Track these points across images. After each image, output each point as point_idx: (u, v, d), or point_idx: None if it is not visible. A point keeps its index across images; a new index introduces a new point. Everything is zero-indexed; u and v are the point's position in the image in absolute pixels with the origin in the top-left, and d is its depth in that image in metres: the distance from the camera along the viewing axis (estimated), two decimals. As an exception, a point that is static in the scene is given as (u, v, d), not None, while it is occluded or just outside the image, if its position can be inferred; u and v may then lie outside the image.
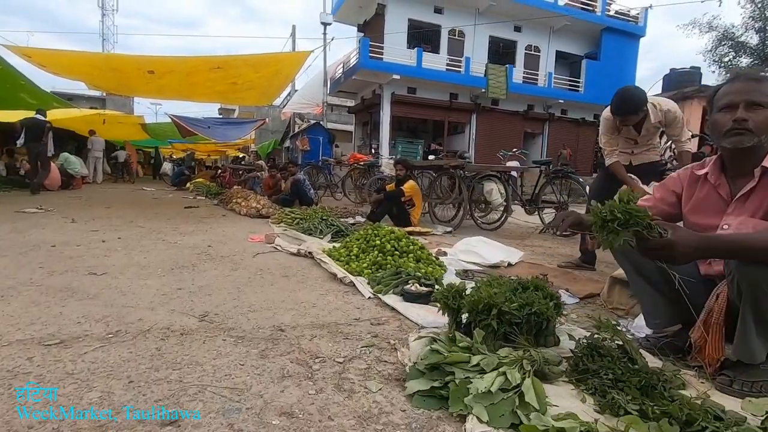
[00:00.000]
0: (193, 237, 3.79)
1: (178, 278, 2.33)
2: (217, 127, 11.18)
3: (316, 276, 2.57)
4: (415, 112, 18.03)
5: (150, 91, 6.95)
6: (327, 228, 4.13)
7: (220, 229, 4.36)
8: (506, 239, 4.81)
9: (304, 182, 7.38)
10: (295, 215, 4.88)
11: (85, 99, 24.99)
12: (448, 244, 4.04)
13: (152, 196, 8.70)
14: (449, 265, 2.94)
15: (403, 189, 5.02)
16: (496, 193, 5.05)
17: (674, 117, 2.69)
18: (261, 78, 6.57)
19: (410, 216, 5.17)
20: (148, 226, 4.35)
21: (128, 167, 17.42)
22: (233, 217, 5.71)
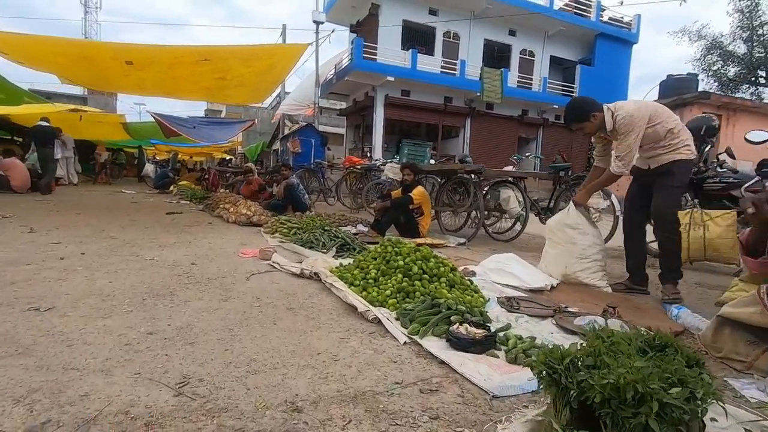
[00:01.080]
0: (173, 251, 3.22)
1: (151, 315, 1.77)
2: (203, 128, 10.51)
3: (329, 307, 2.05)
4: (409, 115, 17.62)
5: (129, 85, 6.32)
6: (330, 240, 3.60)
7: (206, 241, 3.78)
8: (522, 252, 4.35)
9: (297, 186, 6.83)
10: (291, 224, 4.33)
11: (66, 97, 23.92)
12: (469, 259, 3.54)
13: (131, 200, 8.03)
14: (482, 288, 2.44)
15: (412, 196, 4.52)
16: (514, 200, 4.60)
17: (622, 123, 2.49)
18: (252, 73, 6.01)
19: (419, 225, 4.68)
20: (122, 237, 3.75)
21: (108, 168, 16.54)
22: (220, 225, 5.13)
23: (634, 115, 2.48)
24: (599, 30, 19.23)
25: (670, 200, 2.58)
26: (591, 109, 2.58)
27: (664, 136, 2.54)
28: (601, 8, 19.37)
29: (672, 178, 2.55)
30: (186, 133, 9.81)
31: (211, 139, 11.13)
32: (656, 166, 2.62)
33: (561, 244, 2.79)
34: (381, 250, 2.56)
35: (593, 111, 2.57)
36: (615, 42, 19.75)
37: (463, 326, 1.67)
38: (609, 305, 2.04)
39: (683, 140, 2.55)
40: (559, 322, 1.94)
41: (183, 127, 9.87)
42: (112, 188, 11.89)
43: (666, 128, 2.52)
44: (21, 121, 12.32)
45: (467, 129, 18.34)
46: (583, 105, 2.63)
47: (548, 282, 2.68)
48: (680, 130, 2.55)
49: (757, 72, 23.44)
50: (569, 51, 20.02)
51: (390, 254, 2.46)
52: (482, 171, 4.29)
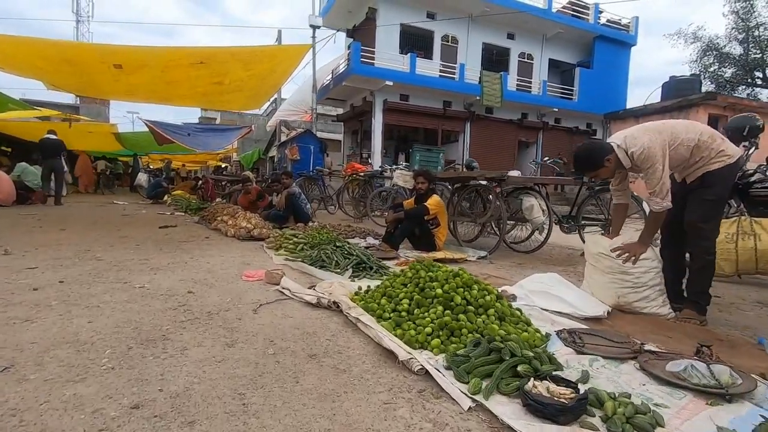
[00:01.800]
0: (167, 275, 2.82)
1: (138, 373, 1.38)
2: (198, 135, 10.12)
3: (360, 352, 1.67)
4: (408, 120, 17.32)
5: (119, 91, 5.92)
6: (343, 258, 3.22)
7: (204, 261, 3.39)
8: (549, 265, 4.00)
9: (299, 196, 6.46)
10: (298, 239, 3.95)
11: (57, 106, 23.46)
12: (499, 278, 3.18)
13: (122, 212, 7.60)
14: (529, 316, 2.08)
15: (428, 206, 4.16)
16: (538, 209, 4.24)
17: (641, 158, 2.23)
18: (252, 77, 5.65)
19: (435, 238, 4.31)
20: (109, 257, 3.35)
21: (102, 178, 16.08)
22: (218, 239, 4.73)
23: (651, 146, 2.21)
24: (597, 32, 19.11)
25: (704, 213, 2.27)
26: (603, 154, 2.34)
27: (691, 154, 2.28)
28: (599, 11, 19.26)
29: (707, 190, 2.27)
30: (180, 141, 9.42)
31: (206, 147, 10.74)
32: (690, 180, 2.36)
33: (609, 272, 2.42)
34: (412, 274, 2.18)
35: (605, 155, 2.33)
36: (613, 44, 19.64)
37: (542, 384, 1.30)
38: (702, 343, 1.67)
39: (715, 149, 2.25)
40: (646, 367, 1.57)
41: (177, 135, 9.49)
42: (104, 199, 11.46)
43: (689, 146, 2.26)
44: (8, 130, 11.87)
45: (467, 133, 18.08)
46: (594, 152, 2.39)
47: (603, 308, 2.32)
48: (707, 140, 2.26)
49: (753, 73, 23.47)
50: (567, 54, 19.89)
51: (423, 280, 2.09)
52: (505, 178, 3.94)
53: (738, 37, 22.47)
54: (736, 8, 21.00)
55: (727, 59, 23.23)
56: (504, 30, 18.33)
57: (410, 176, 5.06)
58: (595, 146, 2.43)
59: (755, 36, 21.79)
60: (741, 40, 22.40)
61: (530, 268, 3.78)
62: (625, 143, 2.29)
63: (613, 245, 2.42)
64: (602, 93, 19.25)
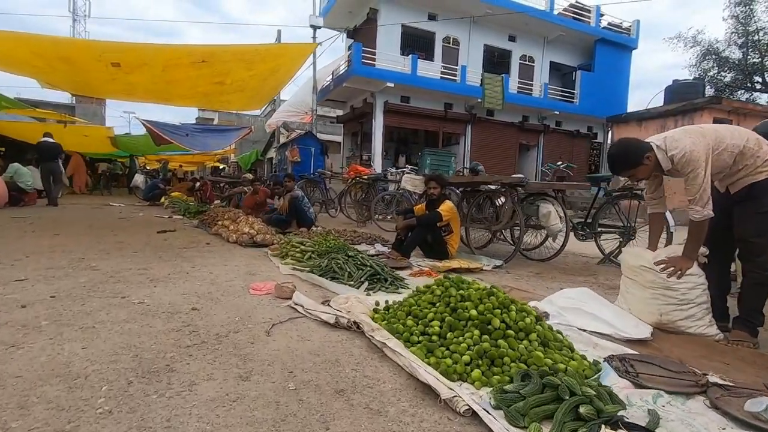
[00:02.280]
0: (168, 288, 2.61)
1: (139, 419, 1.18)
2: (196, 135, 9.89)
3: (391, 386, 1.47)
4: (409, 122, 17.16)
5: (116, 90, 5.70)
6: (356, 269, 3.02)
7: (207, 270, 3.18)
8: (568, 275, 3.82)
9: (303, 199, 6.26)
10: (305, 247, 3.74)
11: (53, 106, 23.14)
12: (521, 290, 2.98)
13: (119, 215, 7.37)
14: (567, 338, 1.89)
15: (441, 212, 3.97)
16: (555, 216, 4.06)
17: (683, 162, 2.08)
18: (254, 77, 5.44)
19: (447, 245, 4.13)
20: (105, 267, 3.14)
21: (106, 179, 15.79)
22: (220, 245, 4.52)
23: (694, 149, 2.05)
24: (599, 35, 19.05)
25: (757, 227, 2.10)
26: (642, 152, 2.19)
27: (734, 162, 2.11)
28: (600, 14, 19.20)
29: (757, 202, 2.09)
30: (179, 141, 9.19)
31: (205, 147, 10.51)
32: (735, 191, 2.19)
33: (651, 287, 2.24)
34: (441, 292, 1.99)
35: (644, 153, 2.18)
36: (615, 47, 19.59)
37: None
38: (722, 360, 1.49)
39: (761, 157, 2.08)
40: (720, 406, 1.38)
41: (175, 135, 9.26)
42: (100, 200, 11.19)
43: (733, 153, 2.09)
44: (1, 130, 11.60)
45: (468, 136, 17.94)
46: (632, 148, 2.23)
47: (646, 329, 2.13)
48: (753, 147, 2.09)
49: (752, 78, 23.49)
50: (568, 57, 19.82)
51: (454, 299, 1.90)
52: (525, 183, 3.75)
53: (737, 42, 22.48)
54: (736, 12, 21.00)
55: (727, 63, 23.24)
56: (505, 32, 18.23)
57: (420, 180, 4.88)
58: (633, 143, 2.26)
59: (755, 41, 21.80)
60: (740, 45, 22.42)
61: (550, 279, 3.61)
62: (665, 144, 2.12)
63: (657, 258, 2.23)
64: (603, 96, 19.18)
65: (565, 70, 20.39)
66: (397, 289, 2.83)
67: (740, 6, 21.11)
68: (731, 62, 23.12)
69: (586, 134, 20.53)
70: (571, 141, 19.99)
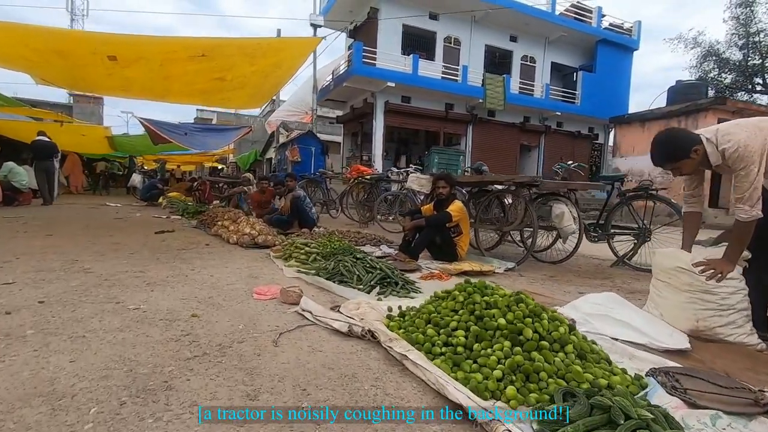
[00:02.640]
0: (166, 292, 2.45)
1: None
2: (195, 134, 9.73)
3: (419, 404, 1.31)
4: (410, 123, 17.03)
5: (113, 86, 5.53)
6: (365, 272, 2.85)
7: (207, 273, 3.02)
8: (580, 277, 3.67)
9: (304, 199, 6.10)
10: (310, 249, 3.58)
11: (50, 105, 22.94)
12: (538, 294, 2.82)
13: (115, 216, 7.19)
14: (598, 345, 1.73)
15: (451, 212, 3.81)
16: (569, 217, 3.91)
17: (735, 157, 1.92)
18: (255, 73, 5.28)
19: (457, 247, 3.97)
20: (99, 269, 2.97)
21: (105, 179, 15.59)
22: (220, 247, 4.35)
23: (749, 144, 1.89)
24: (600, 36, 18.96)
25: None
26: (691, 143, 2.03)
27: None
28: (602, 14, 19.11)
29: None
30: (177, 140, 9.03)
31: (204, 147, 10.34)
32: None
33: (688, 290, 2.08)
34: (464, 298, 1.83)
35: (693, 145, 2.02)
36: (616, 48, 19.50)
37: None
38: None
39: None
40: (789, 430, 1.23)
41: (174, 134, 9.10)
42: (97, 200, 11.00)
43: None
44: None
45: (469, 137, 17.82)
46: (679, 140, 2.08)
47: (683, 338, 1.98)
48: None
49: (753, 79, 23.45)
50: (570, 57, 19.73)
51: (479, 306, 1.74)
52: (539, 183, 3.60)
53: (738, 43, 22.43)
54: (737, 14, 20.95)
55: (727, 65, 23.19)
56: (507, 32, 18.13)
57: (427, 180, 4.72)
58: (682, 134, 2.11)
59: (755, 42, 21.75)
60: (741, 46, 22.38)
61: (565, 282, 3.45)
62: (716, 138, 1.96)
63: (695, 260, 2.08)
64: (605, 97, 19.09)
65: (566, 71, 20.31)
66: (408, 294, 2.67)
67: (741, 7, 21.06)
68: (732, 64, 23.08)
69: (587, 135, 20.43)
70: (572, 142, 19.89)
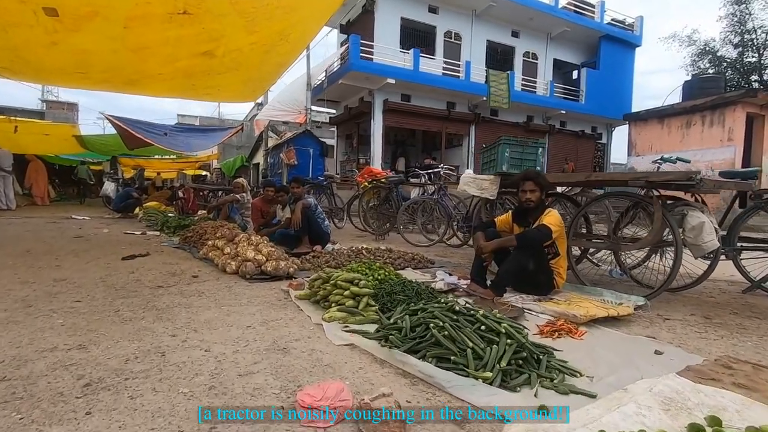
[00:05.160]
0: (122, 412, 1.20)
1: None
2: (177, 135, 8.37)
3: None
4: (410, 123, 15.93)
5: (63, 66, 4.03)
6: (482, 341, 1.64)
7: (198, 339, 1.77)
8: (736, 317, 2.54)
9: (316, 209, 4.88)
10: (358, 288, 2.33)
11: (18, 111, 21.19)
12: (748, 377, 1.67)
13: (76, 233, 5.80)
14: None
15: (550, 226, 2.64)
16: (710, 229, 2.78)
17: None
18: (255, 48, 4.04)
19: (554, 274, 2.81)
20: (4, 343, 1.69)
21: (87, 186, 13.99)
22: (213, 279, 3.09)
23: None
24: (604, 31, 18.24)
25: None
26: None
27: None
28: (605, 9, 18.40)
29: None
30: (156, 142, 7.68)
31: (187, 148, 8.97)
32: None
33: None
34: None
35: None
36: (619, 44, 18.84)
37: None
38: None
39: None
40: None
41: (151, 134, 7.74)
42: (63, 213, 9.47)
43: None
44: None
45: (472, 137, 16.80)
46: None
47: None
48: None
49: (749, 77, 23.17)
50: (572, 54, 18.97)
51: None
52: (699, 180, 2.45)
53: (733, 41, 22.15)
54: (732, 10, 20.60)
55: (723, 63, 22.91)
56: (508, 27, 17.23)
57: (491, 181, 3.54)
58: None
59: (751, 39, 21.45)
60: (736, 44, 22.10)
61: (737, 330, 2.30)
62: None
63: None
64: (608, 95, 18.36)
65: (566, 68, 19.54)
66: (552, 381, 1.48)
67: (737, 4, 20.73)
68: (728, 61, 22.78)
69: (590, 135, 19.68)
70: (575, 142, 19.10)
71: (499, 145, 3.28)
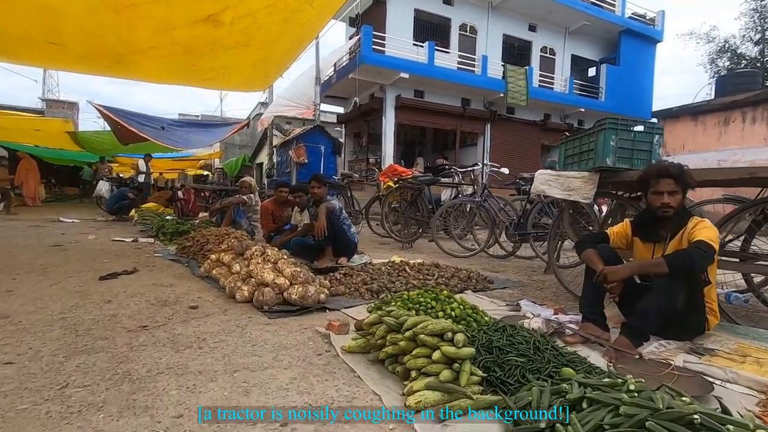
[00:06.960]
0: None
1: None
2: (175, 130, 7.52)
3: None
4: (423, 120, 15.05)
5: (13, 22, 3.23)
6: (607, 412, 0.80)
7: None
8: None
9: (341, 213, 4.04)
10: (456, 344, 1.49)
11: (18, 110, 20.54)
12: None
13: (56, 239, 4.95)
14: None
15: (711, 242, 1.79)
16: None
17: None
18: (274, 10, 3.18)
19: (706, 310, 1.96)
20: None
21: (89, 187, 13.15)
22: (218, 311, 2.24)
23: None
24: (624, 26, 17.34)
25: None
26: None
27: None
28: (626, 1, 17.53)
29: None
30: (152, 136, 6.83)
31: (187, 144, 8.12)
32: None
33: None
34: None
35: None
36: (640, 39, 17.95)
37: None
38: None
39: None
40: None
41: (147, 128, 6.90)
42: (52, 214, 8.62)
43: None
44: None
45: (487, 135, 15.94)
46: None
47: None
48: None
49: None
50: (590, 50, 18.10)
51: None
52: None
53: (753, 38, 21.38)
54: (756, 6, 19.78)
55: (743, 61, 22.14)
56: (525, 21, 16.38)
57: (583, 180, 2.69)
58: None
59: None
60: (756, 41, 21.33)
61: None
62: None
63: None
64: (629, 92, 17.48)
65: (584, 64, 18.66)
66: None
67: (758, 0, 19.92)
68: (747, 59, 22.02)
69: (610, 134, 18.80)
70: (594, 141, 18.22)
71: (602, 131, 2.42)
